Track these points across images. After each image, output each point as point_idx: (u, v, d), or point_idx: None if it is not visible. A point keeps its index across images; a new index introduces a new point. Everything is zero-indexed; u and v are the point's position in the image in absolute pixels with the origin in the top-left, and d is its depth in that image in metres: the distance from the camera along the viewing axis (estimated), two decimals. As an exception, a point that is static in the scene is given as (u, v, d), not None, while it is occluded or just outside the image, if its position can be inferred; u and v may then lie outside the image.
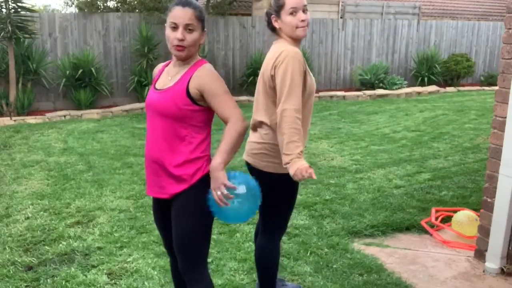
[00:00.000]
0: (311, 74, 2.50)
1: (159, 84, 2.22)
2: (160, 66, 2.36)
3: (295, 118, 2.29)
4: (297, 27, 2.42)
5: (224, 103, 2.08)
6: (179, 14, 2.08)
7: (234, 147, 2.05)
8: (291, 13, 2.41)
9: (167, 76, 2.22)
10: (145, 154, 2.26)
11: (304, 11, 2.43)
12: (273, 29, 2.52)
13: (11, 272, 3.21)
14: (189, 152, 2.14)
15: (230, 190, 2.03)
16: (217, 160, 2.02)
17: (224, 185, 2.01)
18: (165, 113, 2.12)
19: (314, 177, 2.19)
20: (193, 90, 2.08)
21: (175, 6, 2.11)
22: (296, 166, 2.23)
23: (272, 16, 2.47)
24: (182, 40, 2.09)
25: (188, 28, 2.09)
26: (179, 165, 2.13)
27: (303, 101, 2.42)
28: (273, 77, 2.39)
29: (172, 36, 2.11)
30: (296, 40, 2.47)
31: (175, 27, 2.10)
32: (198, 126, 2.15)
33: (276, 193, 2.49)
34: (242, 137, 2.07)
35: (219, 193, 2.01)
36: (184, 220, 2.17)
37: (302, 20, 2.41)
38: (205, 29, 2.19)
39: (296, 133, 2.28)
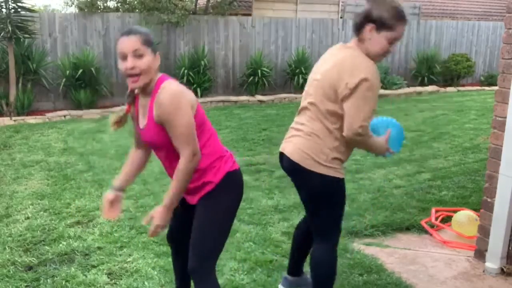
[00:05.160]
0: None
1: (140, 123, 2.22)
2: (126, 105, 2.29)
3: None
4: (383, 55, 2.32)
5: (178, 137, 2.05)
6: (124, 44, 2.05)
7: (179, 189, 2.11)
8: (390, 42, 2.30)
9: (142, 111, 2.20)
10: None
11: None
12: (358, 31, 2.33)
13: (11, 272, 3.20)
14: (201, 162, 2.17)
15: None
16: (162, 204, 2.13)
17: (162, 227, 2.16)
18: (158, 146, 2.18)
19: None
20: (157, 119, 2.07)
21: (120, 38, 2.08)
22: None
23: (372, 25, 2.27)
24: (133, 68, 2.03)
25: (136, 54, 2.03)
26: (196, 179, 2.19)
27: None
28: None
29: (123, 67, 2.06)
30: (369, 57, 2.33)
31: (124, 58, 2.05)
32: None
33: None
34: (187, 176, 2.09)
35: (153, 229, 2.15)
36: (206, 218, 2.23)
37: (389, 52, 2.33)
38: (157, 53, 2.11)
39: None
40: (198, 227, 2.23)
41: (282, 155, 2.56)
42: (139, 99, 2.22)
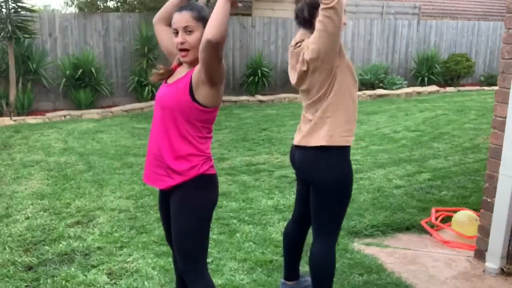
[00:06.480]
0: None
1: (170, 79, 2.29)
2: (175, 62, 2.39)
3: None
4: None
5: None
6: (176, 19, 2.17)
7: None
8: None
9: (177, 73, 2.29)
10: (148, 144, 2.32)
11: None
12: (311, 22, 2.51)
13: (11, 272, 3.21)
14: (186, 148, 2.18)
15: None
16: None
17: None
18: (167, 106, 2.18)
19: None
20: (194, 78, 2.10)
21: (174, 13, 2.19)
22: None
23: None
24: (183, 43, 2.14)
25: (187, 30, 2.14)
26: (175, 159, 2.18)
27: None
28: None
29: (175, 42, 2.18)
30: None
31: (176, 33, 2.17)
32: (198, 125, 2.18)
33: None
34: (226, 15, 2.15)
35: None
36: (181, 219, 2.21)
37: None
38: None
39: None
40: (177, 232, 2.23)
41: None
42: (179, 67, 2.32)
